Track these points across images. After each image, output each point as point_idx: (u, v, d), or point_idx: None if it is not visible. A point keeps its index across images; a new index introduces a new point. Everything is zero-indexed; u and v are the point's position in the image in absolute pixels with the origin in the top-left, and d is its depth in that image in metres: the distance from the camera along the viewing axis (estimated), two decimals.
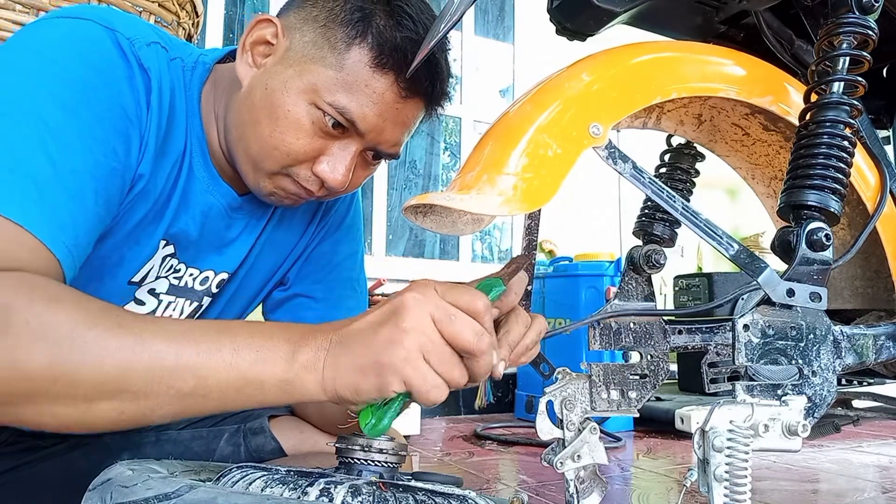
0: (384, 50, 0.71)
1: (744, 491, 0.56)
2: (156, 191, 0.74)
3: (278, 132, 0.72)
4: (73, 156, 0.61)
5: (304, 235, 0.95)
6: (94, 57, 0.65)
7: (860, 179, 0.77)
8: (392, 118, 0.74)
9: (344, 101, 0.71)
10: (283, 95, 0.71)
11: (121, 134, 0.67)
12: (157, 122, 0.71)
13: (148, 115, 0.70)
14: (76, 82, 0.63)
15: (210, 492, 0.46)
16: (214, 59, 0.80)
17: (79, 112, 0.62)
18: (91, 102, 0.64)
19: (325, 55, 0.71)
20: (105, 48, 0.67)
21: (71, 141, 0.61)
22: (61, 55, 0.64)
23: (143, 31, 0.72)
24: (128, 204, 0.72)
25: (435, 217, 0.63)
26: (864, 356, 0.73)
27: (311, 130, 0.72)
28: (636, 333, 0.71)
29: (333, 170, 0.74)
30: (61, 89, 0.62)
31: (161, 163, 0.74)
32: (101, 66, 0.65)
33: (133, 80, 0.68)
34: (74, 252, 0.60)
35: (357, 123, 0.72)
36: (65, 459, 0.86)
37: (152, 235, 0.76)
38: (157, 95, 0.71)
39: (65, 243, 0.59)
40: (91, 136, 0.63)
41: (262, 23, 0.75)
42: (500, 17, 3.63)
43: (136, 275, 0.77)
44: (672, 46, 0.72)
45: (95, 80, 0.64)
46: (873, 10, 0.66)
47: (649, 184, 0.63)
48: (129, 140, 0.68)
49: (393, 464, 0.58)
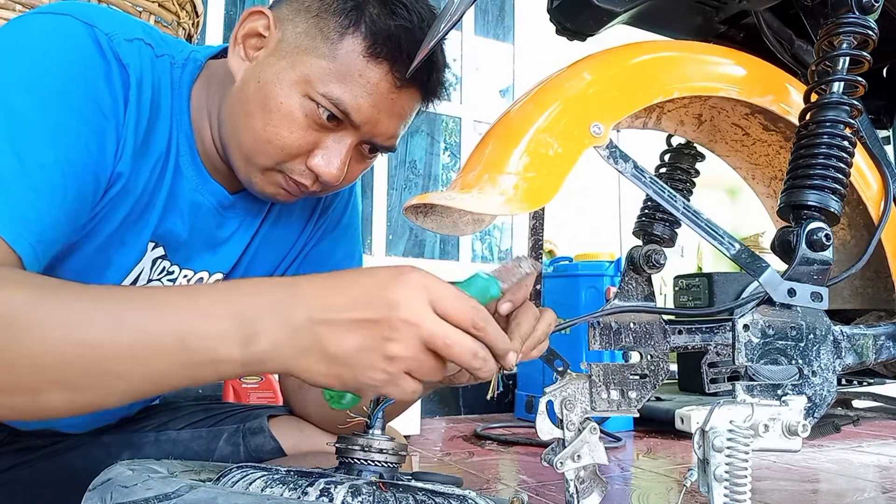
0: (378, 39, 0.70)
1: (744, 491, 0.56)
2: (137, 190, 0.73)
3: (272, 125, 0.71)
4: (41, 150, 0.60)
5: (303, 234, 0.94)
6: (71, 53, 0.64)
7: (860, 179, 0.77)
8: (387, 109, 0.73)
9: (338, 91, 0.70)
10: (276, 88, 0.70)
11: (94, 130, 0.65)
12: (135, 119, 0.70)
13: (126, 112, 0.69)
14: (50, 77, 0.62)
15: (210, 492, 0.46)
16: (207, 56, 0.79)
17: (51, 107, 0.61)
18: (64, 98, 0.63)
19: (317, 45, 0.70)
20: (82, 44, 0.66)
21: (40, 135, 0.60)
22: (37, 51, 0.63)
23: (125, 28, 0.70)
24: (108, 203, 0.70)
25: (435, 217, 0.63)
26: (864, 356, 0.73)
27: (304, 123, 0.71)
28: (636, 333, 0.71)
29: (328, 163, 0.73)
30: (34, 84, 0.61)
31: (142, 161, 0.72)
32: (76, 63, 0.64)
33: (110, 77, 0.67)
34: (38, 247, 0.59)
35: (351, 115, 0.71)
36: (64, 459, 0.86)
37: (138, 236, 0.75)
38: (136, 92, 0.69)
39: (27, 239, 0.57)
40: (63, 131, 0.62)
41: (254, 15, 0.74)
42: (500, 17, 3.64)
43: (126, 278, 0.77)
44: (672, 46, 0.72)
45: (70, 76, 0.64)
46: (873, 10, 0.66)
47: (650, 183, 0.63)
48: (104, 137, 0.67)
49: (393, 464, 0.58)
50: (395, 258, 3.21)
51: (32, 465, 0.86)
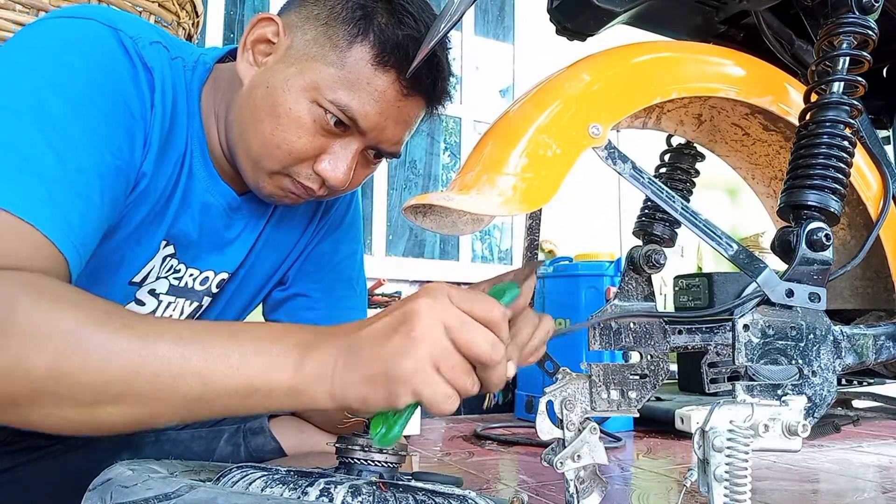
0: (386, 48, 0.71)
1: (744, 491, 0.56)
2: (157, 190, 0.74)
3: (280, 130, 0.72)
4: (79, 153, 0.61)
5: (304, 235, 0.95)
6: (99, 55, 0.65)
7: (860, 179, 0.77)
8: (393, 116, 0.74)
9: (345, 98, 0.71)
10: (285, 93, 0.71)
11: (126, 132, 0.67)
12: (160, 121, 0.71)
13: (152, 113, 0.70)
14: (81, 80, 0.63)
15: (210, 492, 0.46)
16: (215, 59, 0.80)
17: (84, 109, 0.62)
18: (96, 100, 0.64)
19: (326, 53, 0.71)
20: (109, 47, 0.67)
21: (77, 138, 0.61)
22: (66, 53, 0.64)
23: (145, 31, 0.72)
24: (131, 203, 0.72)
25: (435, 217, 0.63)
26: (864, 356, 0.73)
27: (312, 129, 0.72)
28: (636, 333, 0.71)
29: (335, 168, 0.74)
30: (66, 87, 0.62)
31: (163, 162, 0.74)
32: (105, 65, 0.65)
33: (137, 79, 0.68)
34: (81, 250, 0.60)
35: (358, 121, 0.72)
36: (64, 459, 0.86)
37: (153, 235, 0.76)
38: (160, 94, 0.71)
39: (73, 242, 0.58)
40: (97, 133, 0.63)
41: (263, 21, 0.75)
42: (500, 17, 3.63)
43: (137, 275, 0.77)
44: (672, 46, 0.72)
45: (100, 78, 0.65)
46: (873, 10, 0.66)
47: (648, 184, 0.63)
48: (134, 138, 0.68)
49: (393, 464, 0.58)
50: (395, 258, 3.21)
51: (32, 465, 0.86)
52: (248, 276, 0.91)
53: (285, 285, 0.96)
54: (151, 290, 0.80)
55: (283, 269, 0.95)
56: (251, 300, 0.95)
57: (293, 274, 0.96)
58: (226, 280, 0.88)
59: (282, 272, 0.96)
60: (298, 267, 0.96)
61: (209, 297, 0.88)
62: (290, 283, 0.96)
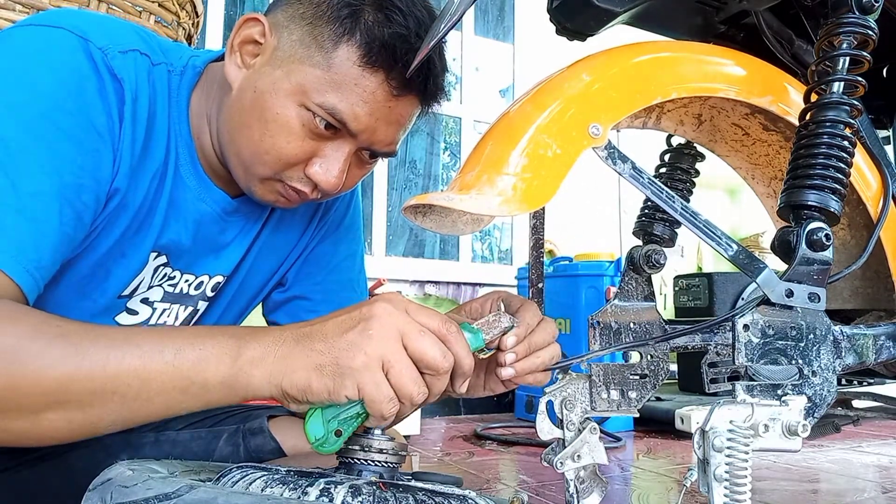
0: (373, 47, 0.68)
1: (744, 491, 0.56)
2: (136, 202, 0.72)
3: (269, 136, 0.70)
4: (36, 177, 0.60)
5: (304, 236, 0.94)
6: (64, 69, 0.64)
7: (860, 180, 0.77)
8: (385, 117, 0.72)
9: (333, 101, 0.69)
10: (272, 98, 0.70)
11: (89, 150, 0.65)
12: (131, 133, 0.69)
13: (121, 127, 0.68)
14: (43, 98, 0.62)
15: (210, 492, 0.46)
16: (207, 61, 0.79)
17: (44, 129, 0.61)
18: (57, 119, 0.62)
19: (312, 54, 0.69)
20: (75, 60, 0.65)
21: (34, 161, 0.60)
22: (30, 70, 0.63)
23: (119, 38, 0.69)
24: (106, 218, 0.70)
25: (435, 217, 0.63)
26: (864, 356, 0.73)
27: (301, 133, 0.70)
28: (636, 333, 0.71)
29: (326, 172, 0.73)
30: (25, 106, 0.61)
31: (140, 174, 0.72)
32: (68, 80, 0.64)
33: (104, 92, 0.66)
34: (36, 273, 0.60)
35: (348, 124, 0.70)
36: (64, 459, 0.86)
37: (139, 247, 0.75)
38: (131, 106, 0.69)
39: (24, 267, 0.58)
40: (56, 155, 0.62)
41: (249, 21, 0.73)
42: (500, 17, 3.63)
43: (126, 288, 0.77)
44: (672, 46, 0.72)
45: (62, 94, 0.63)
46: (873, 10, 0.66)
47: (648, 184, 0.63)
48: (100, 155, 0.66)
49: (393, 464, 0.58)
50: (395, 258, 3.21)
51: (32, 465, 0.86)
52: (247, 279, 0.90)
53: (285, 287, 0.96)
54: (144, 298, 0.80)
55: (282, 270, 0.95)
56: (250, 302, 0.95)
57: (293, 275, 0.95)
58: (222, 283, 0.87)
59: (281, 274, 0.95)
60: (298, 268, 0.95)
61: (205, 302, 0.87)
62: (290, 284, 0.95)
